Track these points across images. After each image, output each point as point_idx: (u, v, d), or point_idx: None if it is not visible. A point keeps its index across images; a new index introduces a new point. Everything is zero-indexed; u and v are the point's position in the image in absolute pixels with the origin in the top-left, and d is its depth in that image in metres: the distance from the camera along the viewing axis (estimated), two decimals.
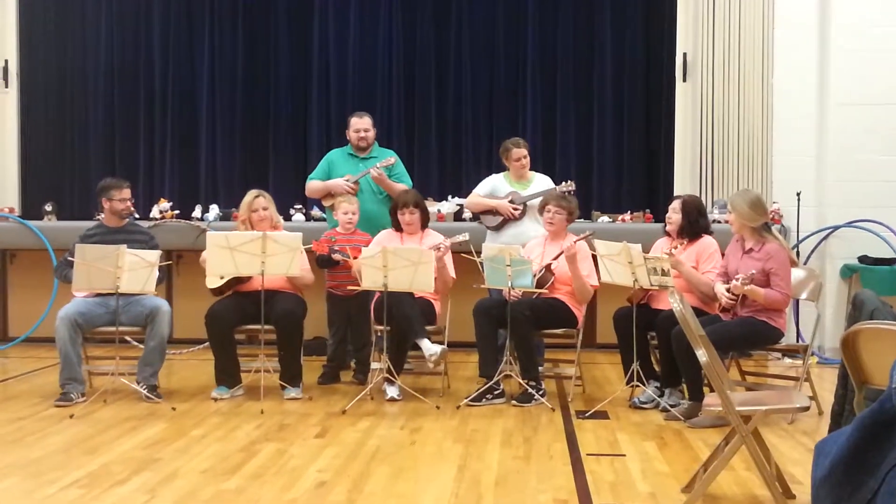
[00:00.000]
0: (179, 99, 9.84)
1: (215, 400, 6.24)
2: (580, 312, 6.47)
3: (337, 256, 6.51)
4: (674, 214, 6.32)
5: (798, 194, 8.27)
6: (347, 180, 7.15)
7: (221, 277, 6.41)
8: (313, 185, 7.37)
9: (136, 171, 9.72)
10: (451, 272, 6.59)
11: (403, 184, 7.28)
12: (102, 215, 6.78)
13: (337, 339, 7.02)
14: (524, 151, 7.21)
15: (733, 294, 5.68)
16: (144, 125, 9.85)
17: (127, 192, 6.69)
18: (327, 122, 9.67)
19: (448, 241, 6.46)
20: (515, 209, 7.11)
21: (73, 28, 9.88)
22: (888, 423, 2.89)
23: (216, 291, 6.52)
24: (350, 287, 6.43)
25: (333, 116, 9.59)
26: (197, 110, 9.82)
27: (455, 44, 9.66)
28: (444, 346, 6.20)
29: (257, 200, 6.62)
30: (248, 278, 6.33)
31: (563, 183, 7.15)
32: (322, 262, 6.75)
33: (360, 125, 7.36)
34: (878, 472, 2.89)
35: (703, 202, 7.35)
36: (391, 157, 7.30)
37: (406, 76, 9.70)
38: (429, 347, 6.10)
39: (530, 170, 7.34)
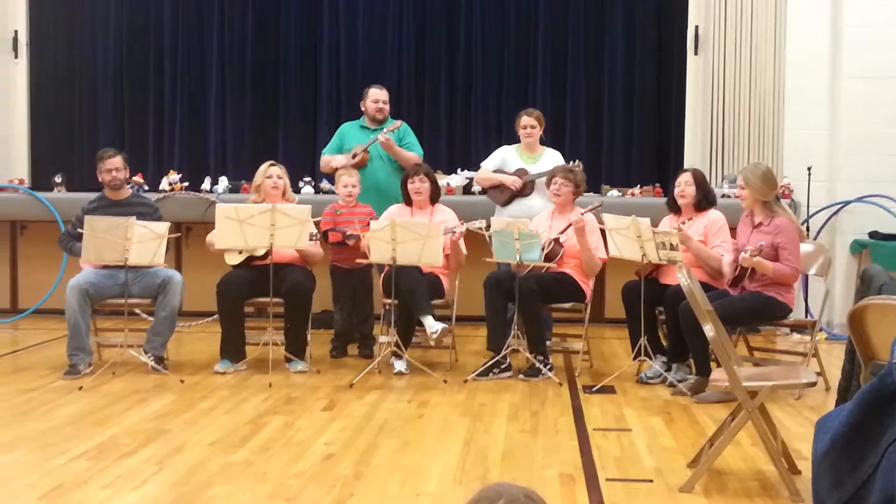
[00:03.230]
0: (189, 71, 9.81)
1: (222, 373, 6.25)
2: (588, 287, 6.45)
3: (351, 242, 6.51)
4: (688, 188, 6.25)
5: (809, 169, 8.23)
6: (354, 155, 7.16)
7: (240, 253, 6.41)
8: (325, 160, 7.42)
9: (146, 142, 9.73)
10: (464, 249, 6.57)
11: (414, 153, 7.28)
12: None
13: (344, 313, 7.02)
14: (532, 121, 7.11)
15: (742, 267, 5.65)
16: (154, 97, 9.83)
17: (114, 162, 6.55)
18: (337, 94, 9.64)
19: (464, 225, 6.40)
20: (515, 185, 7.06)
21: None
22: (889, 397, 2.88)
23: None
24: (358, 260, 6.43)
25: (343, 88, 9.56)
26: (207, 82, 9.79)
27: (465, 17, 9.58)
28: (445, 325, 6.16)
29: (272, 168, 6.63)
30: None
31: (572, 163, 7.12)
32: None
33: (380, 96, 7.41)
34: (878, 447, 2.89)
35: (711, 176, 7.29)
36: (397, 122, 7.29)
37: (416, 48, 9.64)
38: (431, 325, 6.08)
39: (543, 144, 7.30)
